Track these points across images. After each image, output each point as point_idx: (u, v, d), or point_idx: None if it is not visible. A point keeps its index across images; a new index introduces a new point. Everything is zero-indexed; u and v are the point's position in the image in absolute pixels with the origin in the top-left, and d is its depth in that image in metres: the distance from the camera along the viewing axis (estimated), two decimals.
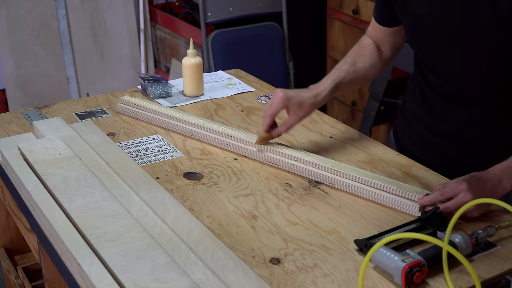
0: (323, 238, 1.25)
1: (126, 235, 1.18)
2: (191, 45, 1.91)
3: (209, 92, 1.96)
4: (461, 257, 0.98)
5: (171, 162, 1.55)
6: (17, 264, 1.93)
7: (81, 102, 1.91)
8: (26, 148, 1.49)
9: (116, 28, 3.93)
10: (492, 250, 1.20)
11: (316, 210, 1.35)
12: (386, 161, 1.54)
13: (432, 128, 1.59)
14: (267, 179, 1.47)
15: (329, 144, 1.64)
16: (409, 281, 1.08)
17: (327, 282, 1.12)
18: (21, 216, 1.57)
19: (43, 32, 3.75)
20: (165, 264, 1.10)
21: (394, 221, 1.31)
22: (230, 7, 3.44)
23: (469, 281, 1.12)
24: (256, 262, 1.18)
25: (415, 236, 1.07)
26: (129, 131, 1.72)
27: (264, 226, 1.29)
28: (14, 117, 1.82)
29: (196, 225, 1.24)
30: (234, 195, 1.41)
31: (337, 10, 3.46)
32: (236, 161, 1.55)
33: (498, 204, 1.20)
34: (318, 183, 1.45)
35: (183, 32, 3.72)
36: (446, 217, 1.24)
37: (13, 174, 1.45)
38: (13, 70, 3.72)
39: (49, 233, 1.25)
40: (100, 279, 1.07)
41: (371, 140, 1.65)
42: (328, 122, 1.77)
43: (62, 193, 1.32)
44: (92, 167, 1.44)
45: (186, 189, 1.43)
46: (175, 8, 3.84)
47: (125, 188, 1.36)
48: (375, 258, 1.14)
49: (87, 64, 3.91)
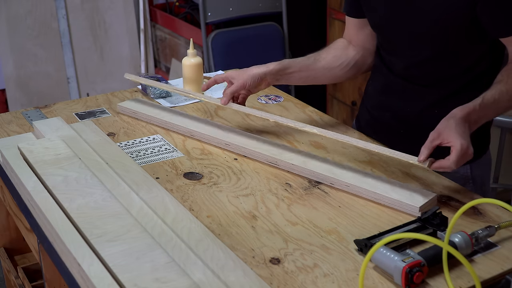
0: (323, 238, 1.25)
1: (126, 235, 1.18)
2: (191, 45, 1.91)
3: (209, 92, 1.96)
4: (461, 257, 0.98)
5: (171, 162, 1.55)
6: (17, 264, 1.93)
7: (81, 102, 1.91)
8: (26, 148, 1.49)
9: (116, 28, 3.93)
10: (492, 250, 1.20)
11: (316, 210, 1.35)
12: (386, 161, 1.54)
13: (398, 114, 1.65)
14: (267, 179, 1.47)
15: (329, 144, 1.64)
16: (409, 281, 1.08)
17: (327, 282, 1.12)
18: (21, 216, 1.57)
19: (43, 32, 3.75)
20: (165, 264, 1.10)
21: (394, 221, 1.31)
22: (230, 7, 3.44)
23: (469, 281, 1.12)
24: (256, 262, 1.18)
25: (415, 236, 1.07)
26: (129, 131, 1.72)
27: (264, 226, 1.29)
28: (14, 117, 1.82)
29: (196, 225, 1.24)
30: (234, 195, 1.41)
31: (337, 10, 3.46)
32: (236, 161, 1.55)
33: (498, 204, 1.20)
34: (318, 183, 1.45)
35: (183, 32, 3.72)
36: (446, 217, 1.24)
37: (13, 174, 1.45)
38: (13, 70, 3.72)
39: (49, 233, 1.25)
40: (100, 279, 1.07)
41: (371, 140, 1.65)
42: (328, 122, 1.77)
43: (62, 193, 1.32)
44: (92, 167, 1.44)
45: (186, 189, 1.43)
46: (175, 8, 3.84)
47: (125, 188, 1.36)
48: (375, 258, 1.14)
49: (87, 64, 3.91)
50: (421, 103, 1.61)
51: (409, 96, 1.63)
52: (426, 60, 1.57)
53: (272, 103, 1.89)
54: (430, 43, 1.54)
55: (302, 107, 1.87)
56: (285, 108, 1.86)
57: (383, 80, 1.68)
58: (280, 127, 1.72)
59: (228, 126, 1.65)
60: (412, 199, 1.33)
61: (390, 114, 1.68)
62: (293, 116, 1.79)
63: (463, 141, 1.30)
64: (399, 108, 1.65)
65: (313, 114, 1.82)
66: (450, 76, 1.58)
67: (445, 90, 1.58)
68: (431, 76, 1.59)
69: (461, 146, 1.29)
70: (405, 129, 1.65)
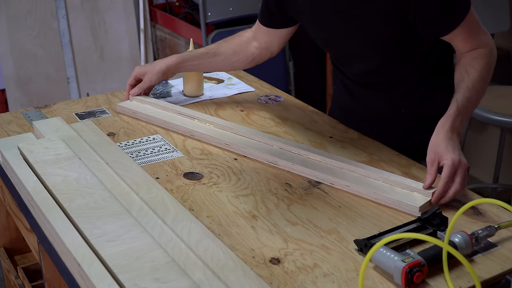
0: (323, 238, 1.25)
1: (126, 235, 1.18)
2: (191, 45, 1.91)
3: (209, 92, 1.96)
4: (461, 257, 0.98)
5: (171, 162, 1.55)
6: (17, 264, 1.93)
7: (81, 102, 1.91)
8: (26, 148, 1.49)
9: (116, 28, 3.93)
10: (492, 250, 1.20)
11: (316, 210, 1.35)
12: (386, 161, 1.54)
13: (366, 116, 1.71)
14: (267, 179, 1.47)
15: (329, 144, 1.64)
16: (409, 281, 1.08)
17: (327, 282, 1.12)
18: (21, 216, 1.57)
19: (43, 32, 3.75)
20: (165, 264, 1.10)
21: (394, 221, 1.31)
22: (230, 7, 3.44)
23: (469, 281, 1.12)
24: (256, 262, 1.18)
25: (415, 236, 1.07)
26: (129, 131, 1.72)
27: (264, 226, 1.29)
28: (14, 117, 1.82)
29: (196, 225, 1.24)
30: (234, 195, 1.41)
31: None
32: (236, 161, 1.55)
33: (498, 204, 1.20)
34: (318, 183, 1.45)
35: (183, 32, 3.72)
36: (446, 217, 1.24)
37: (13, 174, 1.45)
38: (13, 70, 3.72)
39: (49, 233, 1.25)
40: (100, 279, 1.07)
41: (371, 140, 1.65)
42: (328, 122, 1.77)
43: (62, 193, 1.32)
44: (92, 167, 1.44)
45: (186, 189, 1.43)
46: (175, 8, 3.84)
47: (125, 188, 1.36)
48: (375, 258, 1.14)
49: (87, 64, 3.91)
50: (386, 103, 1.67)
51: (371, 98, 1.69)
52: (375, 69, 1.62)
53: (272, 103, 1.89)
54: (375, 57, 1.60)
55: (302, 107, 1.87)
56: (285, 108, 1.86)
57: (343, 86, 1.75)
58: (280, 126, 1.73)
59: (228, 125, 1.65)
60: (412, 199, 1.34)
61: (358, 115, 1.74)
62: (293, 116, 1.79)
63: (453, 155, 1.34)
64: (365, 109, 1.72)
65: (313, 114, 1.82)
66: (405, 75, 1.62)
67: (405, 87, 1.63)
68: (386, 80, 1.64)
69: (452, 161, 1.33)
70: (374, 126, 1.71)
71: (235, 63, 1.84)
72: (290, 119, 1.78)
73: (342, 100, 1.78)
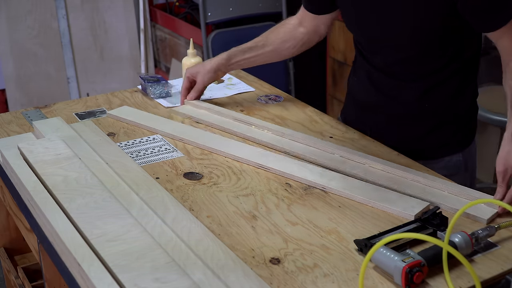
0: (323, 238, 1.25)
1: (126, 235, 1.18)
2: (191, 45, 1.91)
3: (209, 92, 1.96)
4: (461, 257, 0.98)
5: (171, 162, 1.55)
6: (17, 264, 1.93)
7: (81, 102, 1.91)
8: (26, 148, 1.49)
9: (116, 28, 3.93)
10: (492, 250, 1.20)
11: (316, 210, 1.35)
12: (386, 161, 1.54)
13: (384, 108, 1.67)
14: (267, 179, 1.47)
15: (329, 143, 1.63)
16: (409, 281, 1.08)
17: (327, 282, 1.12)
18: (21, 216, 1.57)
19: (43, 32, 3.75)
20: (165, 264, 1.10)
21: (394, 221, 1.31)
22: (230, 7, 3.44)
23: (469, 281, 1.11)
24: (256, 262, 1.18)
25: (415, 236, 1.07)
26: (129, 131, 1.72)
27: (264, 226, 1.29)
28: (14, 117, 1.82)
29: (196, 225, 1.24)
30: (234, 195, 1.41)
31: None
32: (236, 161, 1.55)
33: (498, 204, 1.20)
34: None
35: (183, 32, 3.72)
36: (446, 217, 1.24)
37: (13, 174, 1.45)
38: (13, 70, 3.72)
39: (49, 233, 1.25)
40: (100, 279, 1.07)
41: (371, 140, 1.65)
42: (328, 122, 1.77)
43: (62, 193, 1.32)
44: (92, 167, 1.44)
45: (186, 189, 1.43)
46: (175, 8, 3.84)
47: (125, 188, 1.36)
48: (375, 258, 1.14)
49: (87, 64, 3.91)
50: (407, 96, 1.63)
51: (393, 91, 1.64)
52: (407, 58, 1.58)
53: (272, 103, 1.89)
54: (409, 45, 1.55)
55: (302, 107, 1.87)
56: (285, 108, 1.85)
57: (366, 75, 1.70)
58: (280, 126, 1.72)
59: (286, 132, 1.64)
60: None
61: (377, 108, 1.69)
62: (293, 116, 1.79)
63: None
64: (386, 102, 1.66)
65: (313, 114, 1.82)
66: (434, 70, 1.58)
67: (432, 80, 1.59)
68: (414, 72, 1.60)
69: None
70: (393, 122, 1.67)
71: (284, 51, 1.81)
72: (290, 119, 1.78)
73: (362, 91, 1.72)
